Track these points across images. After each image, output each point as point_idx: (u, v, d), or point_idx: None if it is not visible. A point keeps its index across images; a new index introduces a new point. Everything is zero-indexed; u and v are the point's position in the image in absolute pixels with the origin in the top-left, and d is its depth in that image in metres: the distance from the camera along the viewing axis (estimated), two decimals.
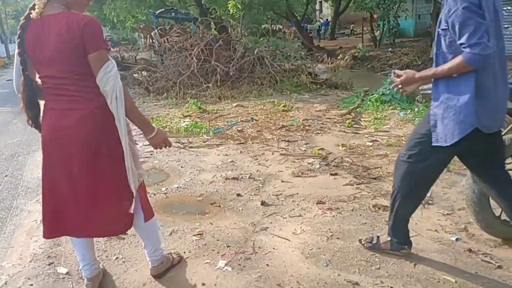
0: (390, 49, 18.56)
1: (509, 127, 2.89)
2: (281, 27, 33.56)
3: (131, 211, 2.08)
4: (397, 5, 13.31)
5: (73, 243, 2.27)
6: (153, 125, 2.13)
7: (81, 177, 1.93)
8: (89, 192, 1.96)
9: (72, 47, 1.84)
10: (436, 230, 2.92)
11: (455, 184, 3.67)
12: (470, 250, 2.64)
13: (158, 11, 14.13)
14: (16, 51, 1.95)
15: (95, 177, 1.94)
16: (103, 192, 1.97)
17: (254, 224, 3.09)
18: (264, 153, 4.89)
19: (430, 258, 2.58)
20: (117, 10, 18.28)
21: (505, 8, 12.81)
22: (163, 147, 2.15)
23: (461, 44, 2.00)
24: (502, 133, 2.87)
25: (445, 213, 3.17)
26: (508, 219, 2.73)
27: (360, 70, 16.80)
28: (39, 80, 1.99)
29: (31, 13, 1.89)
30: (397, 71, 2.40)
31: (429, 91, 7.14)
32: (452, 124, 2.15)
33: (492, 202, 2.69)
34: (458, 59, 2.03)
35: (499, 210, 2.70)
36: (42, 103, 2.03)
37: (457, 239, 2.78)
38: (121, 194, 2.01)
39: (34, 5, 1.91)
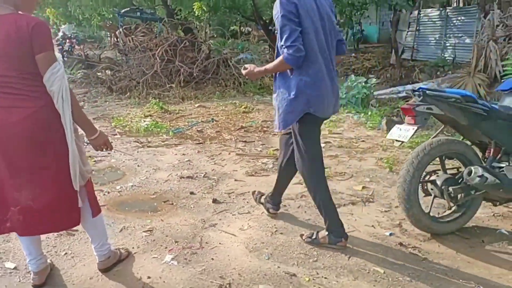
0: (353, 54, 19.07)
1: (439, 130, 3.15)
2: (250, 29, 33.80)
3: (79, 205, 2.17)
4: (359, 13, 13.70)
5: (19, 238, 2.32)
6: (96, 126, 2.21)
7: (25, 175, 2.00)
8: (33, 189, 2.03)
9: (20, 47, 1.91)
10: (373, 226, 3.14)
11: (395, 184, 3.91)
12: (401, 244, 2.87)
13: (123, 10, 14.00)
14: None
15: (39, 174, 2.02)
16: (48, 189, 2.05)
17: (204, 221, 3.22)
18: (221, 153, 5.02)
19: (364, 251, 2.78)
20: (82, 8, 17.93)
21: (459, 18, 13.46)
22: (104, 149, 2.24)
23: (281, 46, 2.47)
24: (432, 136, 3.13)
25: (383, 210, 3.40)
26: (436, 216, 2.99)
27: None
28: None
29: None
30: (246, 65, 2.83)
31: (383, 96, 7.48)
32: (284, 114, 2.59)
33: (421, 199, 2.93)
34: (280, 58, 2.49)
35: (428, 207, 2.95)
36: None
37: (390, 234, 3.01)
38: (65, 191, 2.09)
39: None
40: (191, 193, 3.78)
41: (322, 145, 5.18)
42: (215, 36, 18.45)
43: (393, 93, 10.18)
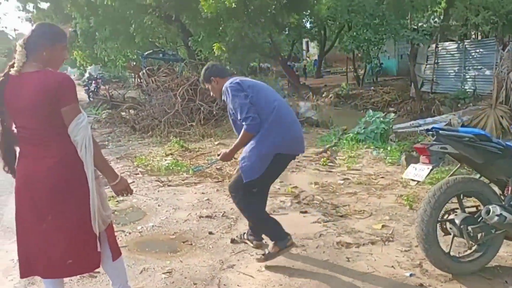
0: (372, 87, 19.18)
1: (455, 168, 3.14)
2: (269, 65, 34.48)
3: (99, 249, 2.25)
4: (377, 47, 13.90)
5: (43, 281, 2.40)
6: (117, 173, 2.31)
7: (49, 220, 2.10)
8: (56, 234, 2.12)
9: (48, 101, 2.06)
10: (392, 266, 3.10)
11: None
12: (421, 285, 2.82)
13: (146, 53, 14.58)
14: None
15: (63, 220, 2.11)
16: (70, 234, 2.14)
17: (222, 262, 3.24)
18: None
19: None
20: (108, 50, 18.78)
21: (477, 51, 13.46)
22: (125, 194, 2.33)
23: (239, 120, 2.97)
24: (449, 174, 3.12)
25: (403, 249, 3.36)
26: (457, 256, 2.94)
27: (343, 108, 17.28)
28: (15, 129, 2.19)
29: (10, 71, 2.12)
30: (219, 152, 3.33)
31: (402, 130, 7.50)
32: (257, 162, 2.97)
33: (440, 238, 2.90)
34: (243, 131, 2.97)
35: (448, 246, 2.91)
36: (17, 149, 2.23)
37: (411, 275, 2.96)
38: (86, 236, 2.17)
39: (14, 63, 2.14)
40: (210, 233, 3.82)
41: (341, 181, 5.27)
42: (235, 73, 18.88)
43: (413, 126, 10.14)
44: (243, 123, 2.93)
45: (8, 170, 2.21)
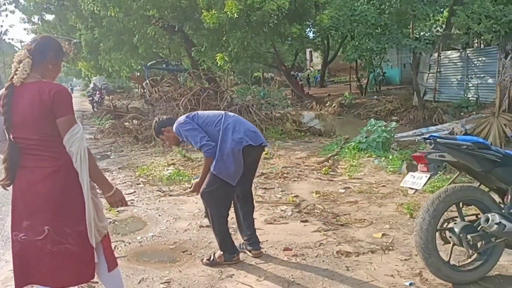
0: (375, 96, 19.20)
1: (454, 177, 3.13)
2: (272, 75, 34.64)
3: (95, 261, 2.25)
4: (379, 57, 13.93)
5: None
6: (112, 184, 2.32)
7: (45, 231, 2.11)
8: (52, 245, 2.13)
9: (43, 111, 2.08)
10: (392, 275, 3.08)
11: None
12: None
13: (150, 63, 14.68)
14: (1, 112, 2.17)
15: (58, 230, 2.12)
16: (65, 244, 2.14)
17: (221, 271, 3.23)
18: None
19: None
20: (112, 61, 18.93)
21: (479, 59, 13.46)
22: (119, 206, 2.34)
23: (198, 148, 3.24)
24: (448, 182, 3.11)
25: (403, 258, 3.34)
26: (457, 264, 2.92)
27: (347, 117, 17.30)
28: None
29: (14, 80, 2.14)
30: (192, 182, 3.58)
31: (404, 138, 7.51)
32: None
33: (440, 247, 2.88)
34: (204, 158, 3.24)
35: (448, 255, 2.89)
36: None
37: (410, 284, 2.94)
38: (82, 247, 2.18)
39: (15, 72, 2.16)
40: (210, 242, 3.81)
41: (342, 190, 5.26)
42: (239, 83, 19.03)
43: (415, 135, 10.13)
44: (202, 151, 3.21)
45: (7, 181, 2.19)
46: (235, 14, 9.46)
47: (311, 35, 22.35)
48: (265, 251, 3.58)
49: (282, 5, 9.29)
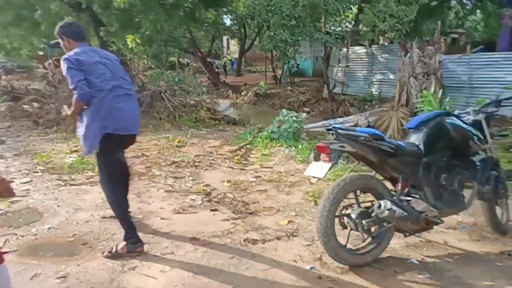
0: (289, 87, 19.78)
1: (353, 166, 3.31)
2: (189, 61, 34.01)
3: None
4: (293, 48, 14.32)
5: None
6: None
7: None
8: None
9: None
10: (295, 260, 3.19)
11: None
12: (320, 277, 2.93)
13: (54, 41, 13.53)
14: None
15: None
16: None
17: (124, 264, 3.10)
18: (149, 190, 4.92)
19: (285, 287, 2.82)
20: (10, 37, 17.20)
21: (383, 56, 14.46)
22: (5, 196, 2.12)
23: (71, 89, 3.10)
24: (347, 172, 3.27)
25: (306, 244, 3.47)
26: (353, 248, 3.11)
27: (262, 107, 17.60)
28: None
29: None
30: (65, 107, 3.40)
31: (314, 129, 7.76)
32: (89, 139, 3.14)
33: (339, 232, 3.04)
34: (74, 99, 3.09)
35: (345, 240, 3.06)
36: None
37: (311, 268, 3.07)
38: None
39: None
40: (113, 234, 3.64)
41: (253, 179, 5.33)
42: (153, 67, 18.42)
43: (324, 126, 10.61)
44: (74, 91, 3.06)
45: None
46: None
47: (228, 22, 22.33)
48: (172, 242, 3.50)
49: None
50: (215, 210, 4.27)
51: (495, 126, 3.91)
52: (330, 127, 2.99)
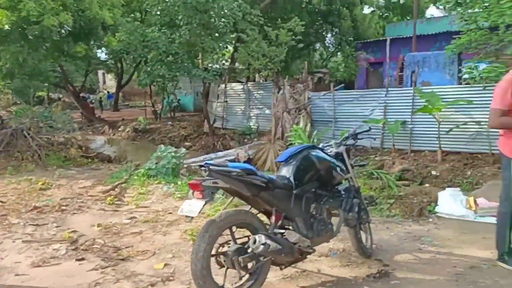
0: (170, 122, 19.51)
1: (228, 202, 3.28)
2: (61, 96, 31.64)
3: None
4: (171, 84, 14.22)
5: None
6: None
7: None
8: None
9: None
10: None
11: None
12: None
13: None
14: None
15: None
16: None
17: None
18: (2, 241, 4.27)
19: None
20: None
21: (259, 92, 15.19)
22: None
23: None
24: (223, 208, 3.22)
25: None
26: (231, 287, 3.02)
27: (141, 142, 16.99)
28: None
29: None
30: None
31: (194, 164, 7.59)
32: None
33: (217, 271, 2.94)
34: None
35: (222, 280, 2.97)
36: None
37: None
38: None
39: None
40: None
41: (127, 221, 4.99)
42: (19, 103, 16.69)
43: (205, 160, 10.58)
44: None
45: None
46: (6, 25, 8.23)
47: (103, 56, 21.42)
48: None
49: (65, 22, 8.55)
50: (82, 259, 3.85)
51: (357, 156, 4.27)
52: (203, 164, 2.94)
